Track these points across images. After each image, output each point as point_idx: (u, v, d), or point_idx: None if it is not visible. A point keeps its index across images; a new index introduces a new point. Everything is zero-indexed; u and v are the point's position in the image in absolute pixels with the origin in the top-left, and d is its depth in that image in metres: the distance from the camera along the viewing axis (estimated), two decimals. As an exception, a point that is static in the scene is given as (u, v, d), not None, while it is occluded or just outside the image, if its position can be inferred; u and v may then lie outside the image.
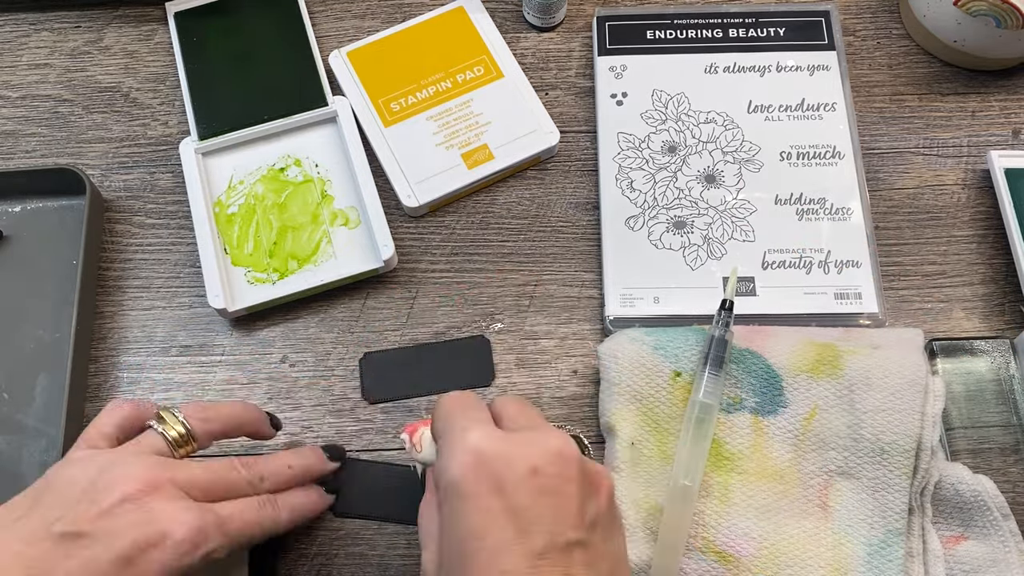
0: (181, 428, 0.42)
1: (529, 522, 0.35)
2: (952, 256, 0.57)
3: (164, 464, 0.40)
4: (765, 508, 0.47)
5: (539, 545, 0.34)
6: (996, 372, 0.51)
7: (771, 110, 0.61)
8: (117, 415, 0.43)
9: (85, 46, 0.65)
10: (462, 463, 0.36)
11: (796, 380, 0.49)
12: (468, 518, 0.35)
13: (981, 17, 0.58)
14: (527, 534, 0.34)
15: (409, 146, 0.60)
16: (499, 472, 0.35)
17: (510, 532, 0.34)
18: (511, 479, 0.35)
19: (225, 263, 0.57)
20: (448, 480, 0.36)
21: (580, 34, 0.65)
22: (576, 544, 0.35)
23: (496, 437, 0.37)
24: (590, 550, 0.36)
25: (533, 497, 0.35)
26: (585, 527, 0.36)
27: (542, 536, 0.34)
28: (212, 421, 0.44)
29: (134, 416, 0.43)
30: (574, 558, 0.35)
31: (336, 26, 0.66)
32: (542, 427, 0.38)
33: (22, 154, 0.62)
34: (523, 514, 0.35)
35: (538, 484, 0.35)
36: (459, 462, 0.36)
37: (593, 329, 0.56)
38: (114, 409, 0.43)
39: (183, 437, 0.42)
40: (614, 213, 0.58)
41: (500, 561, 0.34)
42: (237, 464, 0.43)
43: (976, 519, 0.46)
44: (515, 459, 0.36)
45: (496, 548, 0.34)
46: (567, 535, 0.35)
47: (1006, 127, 0.61)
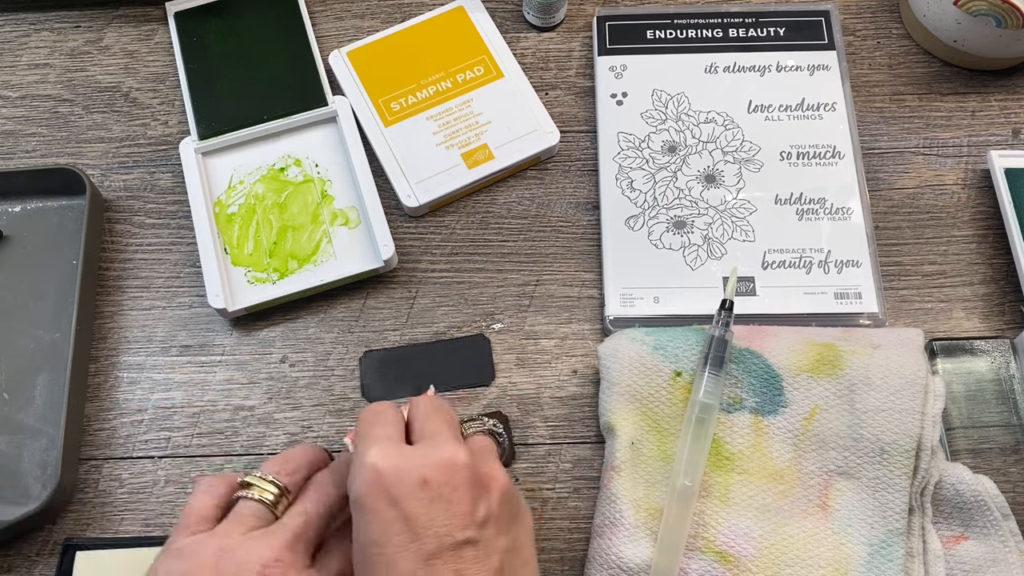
0: (275, 488, 0.42)
1: (421, 527, 0.38)
2: (952, 256, 0.57)
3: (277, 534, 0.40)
4: (765, 508, 0.47)
5: (431, 547, 0.38)
6: (996, 372, 0.51)
7: (771, 110, 0.61)
8: (215, 495, 0.42)
9: (85, 46, 0.65)
10: (362, 480, 0.39)
11: (796, 380, 0.49)
12: (369, 529, 0.38)
13: (981, 17, 0.58)
14: (420, 538, 0.38)
15: (409, 146, 0.60)
16: (392, 486, 0.39)
17: (405, 538, 0.38)
18: (403, 491, 0.38)
19: (225, 263, 0.57)
20: (353, 496, 0.39)
21: (580, 34, 0.65)
22: (466, 543, 0.38)
23: (390, 454, 0.40)
24: (480, 546, 0.39)
25: (424, 505, 0.38)
26: (475, 526, 0.39)
27: (433, 539, 0.38)
28: (297, 471, 0.43)
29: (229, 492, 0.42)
30: (465, 555, 0.38)
31: (336, 26, 0.66)
32: (439, 436, 0.41)
33: (22, 154, 0.62)
34: (416, 521, 0.38)
35: (428, 494, 0.39)
36: (360, 479, 0.39)
37: (593, 329, 0.56)
38: (211, 489, 0.42)
39: (278, 497, 0.42)
40: (614, 213, 0.58)
41: (396, 564, 0.38)
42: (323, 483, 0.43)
43: (976, 519, 0.46)
44: (406, 472, 0.39)
45: (393, 553, 0.38)
46: (456, 535, 0.38)
47: (1006, 127, 0.61)
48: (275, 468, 0.43)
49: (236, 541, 0.39)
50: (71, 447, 0.51)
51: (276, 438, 0.53)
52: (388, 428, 0.41)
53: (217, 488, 0.42)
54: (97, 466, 0.53)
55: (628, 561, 0.46)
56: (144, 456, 0.53)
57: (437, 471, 0.39)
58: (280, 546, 0.39)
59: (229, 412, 0.54)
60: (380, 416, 0.42)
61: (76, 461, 0.53)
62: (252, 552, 0.38)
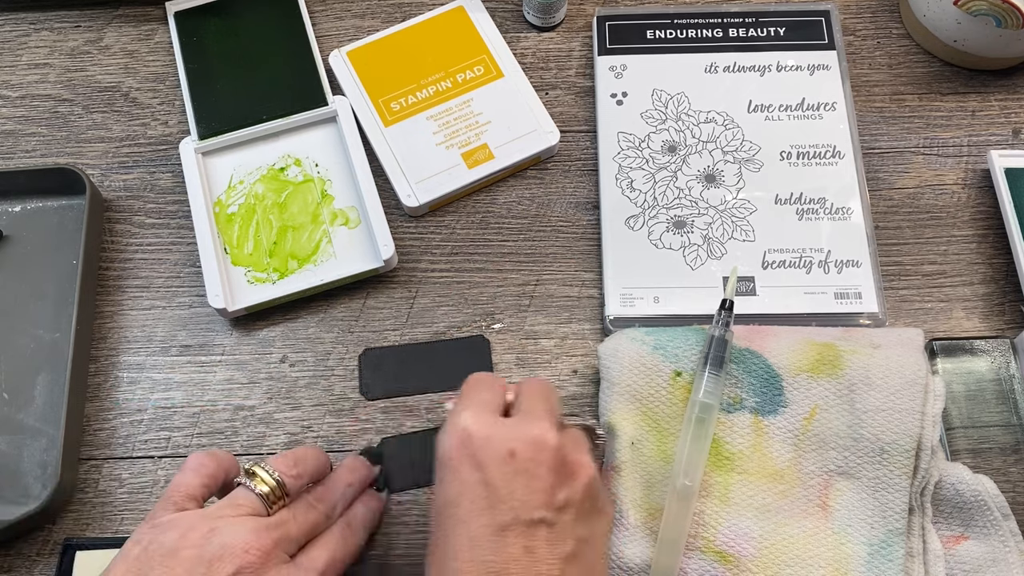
0: (274, 482, 0.42)
1: (500, 498, 0.38)
2: (952, 256, 0.57)
3: (267, 529, 0.40)
4: (765, 508, 0.47)
5: (506, 518, 0.38)
6: (996, 372, 0.51)
7: (771, 110, 0.61)
8: (204, 474, 0.42)
9: (85, 46, 0.65)
10: (452, 439, 0.40)
11: (796, 380, 0.49)
12: (450, 487, 0.39)
13: (981, 17, 0.58)
14: (496, 508, 0.38)
15: (409, 146, 0.60)
16: (480, 451, 0.39)
17: (482, 503, 0.38)
18: (489, 458, 0.39)
19: (225, 263, 0.57)
20: (440, 453, 0.40)
21: (580, 34, 0.65)
22: (541, 522, 0.38)
23: (484, 421, 0.40)
24: (555, 529, 0.38)
25: (507, 476, 0.38)
26: (553, 508, 0.39)
27: (509, 511, 0.38)
28: (302, 476, 0.43)
29: (219, 473, 0.43)
30: (538, 534, 0.38)
31: (336, 26, 0.66)
32: (535, 414, 0.41)
33: (22, 154, 0.62)
34: (495, 489, 0.38)
35: (512, 466, 0.39)
36: (450, 438, 0.40)
37: (593, 329, 0.56)
38: (200, 467, 0.42)
39: (276, 493, 0.42)
40: (614, 213, 0.58)
41: (468, 526, 0.38)
42: (312, 501, 0.44)
43: (976, 519, 0.46)
44: (496, 441, 0.39)
45: (467, 516, 0.38)
46: (533, 513, 0.38)
47: (1006, 127, 0.61)
48: (281, 466, 0.43)
49: (225, 523, 0.39)
50: (71, 447, 0.51)
51: (276, 438, 0.53)
52: (488, 395, 0.42)
53: (207, 467, 0.42)
54: (97, 466, 0.53)
55: (628, 561, 0.46)
56: (144, 456, 0.53)
57: (525, 446, 0.39)
58: (266, 536, 0.39)
59: (229, 412, 0.54)
60: (483, 383, 0.43)
61: (76, 461, 0.53)
62: (238, 536, 0.39)
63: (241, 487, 0.42)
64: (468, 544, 0.38)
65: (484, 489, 0.38)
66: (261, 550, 0.39)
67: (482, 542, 0.37)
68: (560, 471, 0.39)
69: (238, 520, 0.40)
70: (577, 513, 0.40)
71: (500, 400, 0.43)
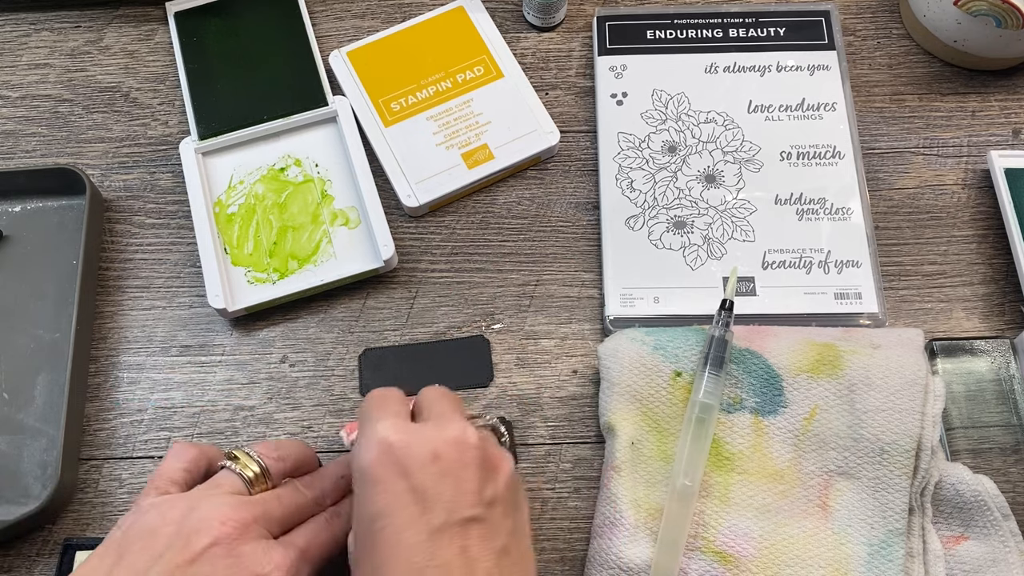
0: (257, 467, 0.43)
1: (430, 501, 0.38)
2: (952, 256, 0.57)
3: (246, 504, 0.40)
4: (765, 508, 0.47)
5: (438, 521, 0.38)
6: (996, 372, 0.51)
7: (771, 110, 0.61)
8: (185, 459, 0.43)
9: (85, 46, 0.65)
10: (371, 452, 0.39)
11: (796, 380, 0.49)
12: (376, 501, 0.39)
13: (981, 17, 0.58)
14: (428, 511, 0.38)
15: (409, 146, 0.60)
16: (403, 458, 0.39)
17: (413, 510, 0.38)
18: (414, 464, 0.39)
19: (225, 263, 0.57)
20: (359, 467, 0.40)
21: (580, 34, 0.65)
22: (473, 520, 0.38)
23: (402, 428, 0.40)
24: (487, 525, 0.39)
25: (434, 479, 0.38)
26: (483, 505, 0.39)
27: (441, 513, 0.38)
28: (284, 460, 0.44)
29: (201, 459, 0.44)
30: (471, 532, 0.38)
31: (336, 26, 0.66)
32: (448, 417, 0.41)
33: (22, 154, 0.62)
34: (425, 494, 0.38)
35: (438, 468, 0.39)
36: (369, 451, 0.39)
37: (593, 329, 0.56)
38: (181, 453, 0.43)
39: (258, 476, 0.43)
40: (614, 213, 0.58)
41: (403, 536, 0.38)
42: (301, 487, 0.44)
43: (976, 519, 0.46)
44: (418, 446, 0.39)
45: (400, 525, 0.38)
46: (464, 512, 0.38)
47: (1006, 127, 0.61)
48: (264, 450, 0.44)
49: (205, 501, 0.40)
50: (71, 447, 0.51)
51: (276, 438, 0.53)
52: (396, 406, 0.42)
53: (188, 453, 0.43)
54: (97, 466, 0.53)
55: (628, 561, 0.46)
56: (144, 456, 0.53)
57: (448, 447, 0.39)
58: (244, 510, 0.40)
59: (229, 412, 0.54)
60: (387, 397, 0.43)
61: (76, 461, 0.53)
62: (215, 510, 0.39)
63: (224, 469, 0.43)
64: (404, 553, 0.37)
65: (413, 495, 0.38)
66: (238, 523, 0.39)
67: (417, 550, 0.37)
68: (484, 467, 0.40)
69: (218, 497, 0.41)
70: (504, 507, 0.40)
71: (407, 410, 0.43)
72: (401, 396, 0.43)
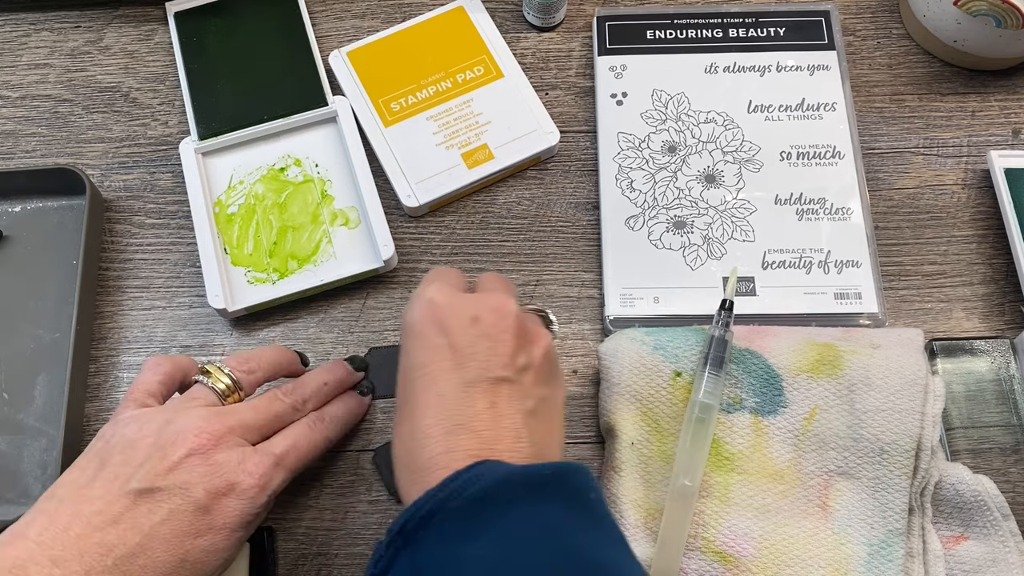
0: (228, 380, 0.45)
1: (465, 357, 0.41)
2: (952, 256, 0.57)
3: (220, 414, 0.43)
4: (765, 508, 0.47)
5: (471, 375, 0.40)
6: (996, 372, 0.51)
7: (771, 110, 0.61)
8: (160, 372, 0.45)
9: (85, 46, 0.65)
10: (418, 310, 0.43)
11: (796, 380, 0.49)
12: (417, 353, 0.42)
13: (981, 17, 0.58)
14: (462, 366, 0.41)
15: (409, 146, 0.60)
16: (445, 317, 0.42)
17: (448, 363, 0.41)
18: (454, 323, 0.42)
19: (225, 263, 0.57)
20: (406, 323, 0.43)
21: (580, 34, 0.65)
22: (503, 380, 0.41)
23: (448, 292, 0.43)
24: (516, 387, 0.41)
25: (471, 339, 0.41)
26: (515, 369, 0.41)
27: (475, 369, 0.41)
28: (255, 371, 0.47)
29: (176, 372, 0.46)
30: (501, 390, 0.41)
31: (336, 26, 0.66)
32: (496, 290, 0.45)
33: (22, 154, 0.62)
34: (461, 351, 0.41)
35: (477, 330, 0.42)
36: (416, 309, 0.43)
37: (593, 329, 0.56)
38: (156, 367, 0.46)
39: (230, 388, 0.45)
40: (614, 213, 0.58)
41: (436, 385, 0.40)
42: (279, 395, 0.46)
43: (976, 519, 0.46)
44: (460, 309, 0.42)
45: (434, 375, 0.41)
46: (496, 372, 0.41)
47: (1006, 127, 0.61)
48: (235, 364, 0.46)
49: (180, 413, 0.42)
50: (71, 447, 0.51)
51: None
52: (451, 277, 0.45)
53: (163, 366, 0.46)
54: (97, 466, 0.53)
55: (628, 561, 0.46)
56: (144, 456, 0.53)
57: (488, 313, 0.42)
58: (217, 421, 0.42)
59: (229, 412, 0.54)
60: (446, 271, 0.46)
61: (76, 461, 0.53)
62: (190, 421, 0.42)
63: (197, 384, 0.45)
64: (436, 400, 0.40)
65: (450, 351, 0.41)
66: (212, 433, 0.41)
67: (449, 398, 0.40)
68: (521, 337, 0.42)
69: (192, 410, 0.43)
70: (536, 376, 0.42)
71: (462, 283, 0.46)
72: (459, 272, 0.47)
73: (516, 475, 0.36)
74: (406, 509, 0.36)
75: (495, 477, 0.36)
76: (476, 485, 0.36)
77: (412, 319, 0.43)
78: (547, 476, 0.37)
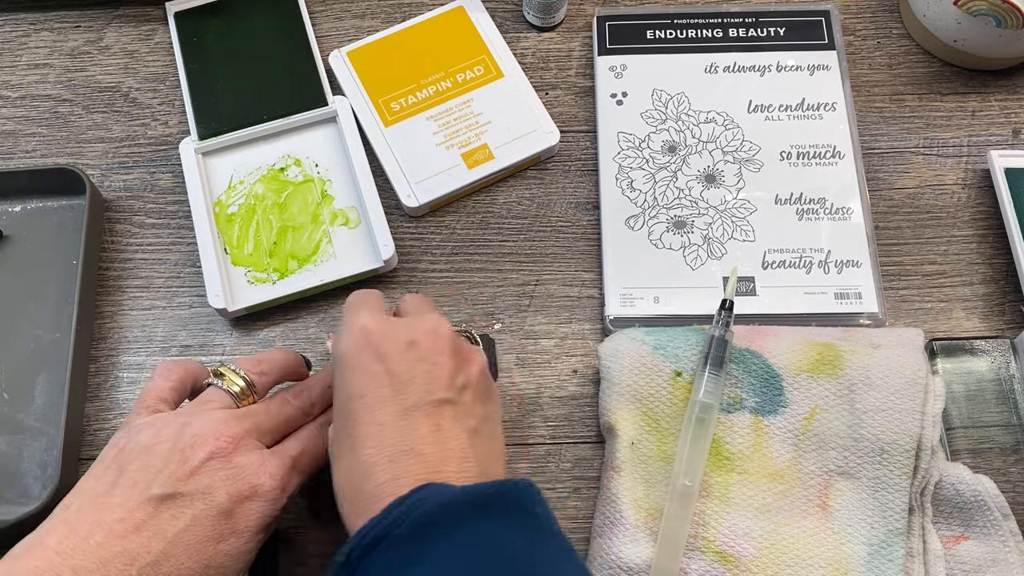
0: (242, 382, 0.45)
1: (404, 383, 0.40)
2: (952, 256, 0.57)
3: (237, 417, 0.43)
4: (765, 508, 0.47)
5: (411, 401, 0.40)
6: (996, 372, 0.51)
7: (771, 110, 0.61)
8: (172, 378, 0.45)
9: (85, 46, 0.65)
10: (351, 339, 0.41)
11: (796, 380, 0.49)
12: (353, 383, 0.40)
13: (981, 17, 0.58)
14: (401, 392, 0.40)
15: (409, 146, 0.60)
16: (380, 344, 0.41)
17: (387, 390, 0.40)
18: (391, 350, 0.41)
19: (225, 263, 0.57)
20: (339, 353, 0.42)
21: (580, 34, 0.65)
22: (446, 402, 0.40)
23: (381, 319, 0.42)
24: (459, 407, 0.41)
25: (409, 364, 0.41)
26: (455, 390, 0.41)
27: (415, 394, 0.40)
28: (268, 373, 0.46)
29: (187, 377, 0.46)
30: (444, 412, 0.40)
31: (336, 26, 0.66)
32: (425, 312, 0.44)
33: (22, 154, 0.62)
34: (400, 377, 0.40)
35: (414, 354, 0.41)
36: (349, 338, 0.42)
37: (593, 329, 0.56)
38: (167, 372, 0.45)
39: (245, 391, 0.45)
40: (614, 213, 0.58)
41: (376, 414, 0.39)
42: (288, 398, 0.46)
43: (976, 519, 0.46)
44: (395, 334, 0.41)
45: (374, 403, 0.40)
46: (438, 394, 0.40)
47: (1006, 127, 0.61)
48: (247, 366, 0.46)
49: (197, 417, 0.42)
50: (71, 447, 0.51)
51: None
52: (376, 302, 0.45)
53: (174, 372, 0.45)
54: (97, 466, 0.53)
55: (628, 561, 0.46)
56: (144, 456, 0.53)
57: (424, 335, 0.42)
58: (235, 424, 0.42)
59: (229, 412, 0.54)
60: (369, 294, 0.45)
61: (76, 461, 0.52)
62: (209, 425, 0.41)
63: (211, 387, 0.45)
64: (376, 430, 0.39)
65: (388, 378, 0.40)
66: (232, 437, 0.41)
67: (391, 426, 0.39)
68: (457, 357, 0.42)
69: (209, 412, 0.42)
70: (474, 395, 0.42)
71: (386, 307, 0.45)
72: (380, 296, 0.46)
73: (460, 496, 0.36)
74: (351, 538, 0.36)
75: (440, 500, 0.36)
76: (420, 509, 0.35)
77: (346, 349, 0.41)
78: (491, 495, 0.37)
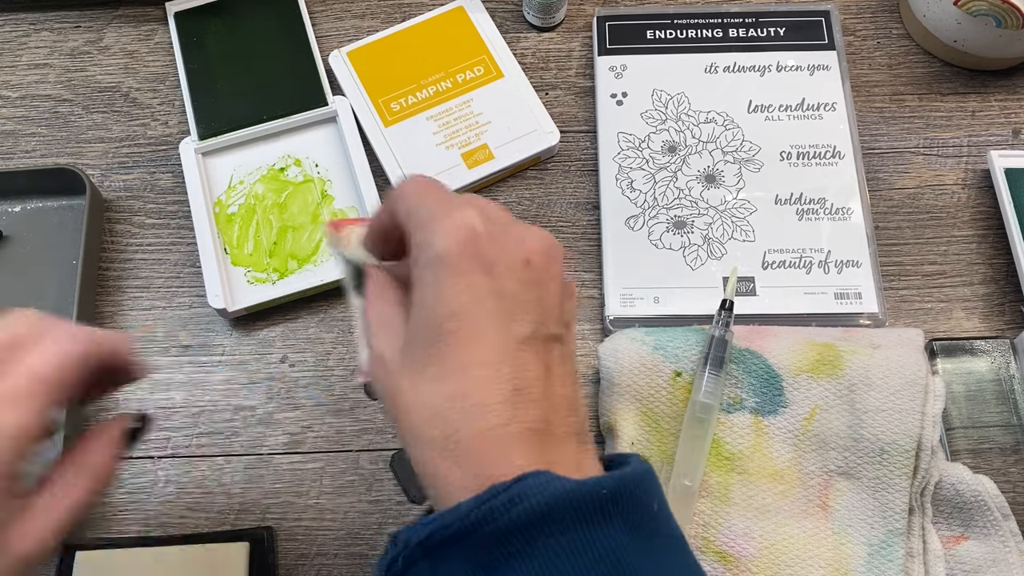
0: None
1: (518, 307, 0.33)
2: (952, 256, 0.57)
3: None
4: (765, 508, 0.47)
5: (525, 331, 0.33)
6: (996, 372, 0.51)
7: (771, 110, 0.61)
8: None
9: (85, 46, 0.65)
10: (454, 237, 0.33)
11: (796, 380, 0.49)
12: (452, 294, 0.33)
13: (981, 17, 0.58)
14: (515, 319, 0.33)
15: (409, 146, 0.60)
16: (492, 254, 0.33)
17: (496, 313, 0.33)
18: (504, 264, 0.33)
19: (225, 263, 0.57)
20: (435, 253, 0.33)
21: (580, 34, 0.65)
22: (555, 338, 0.34)
23: (490, 221, 0.34)
24: (565, 347, 0.35)
25: (522, 286, 0.33)
26: (563, 324, 0.35)
27: (528, 324, 0.33)
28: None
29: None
30: (553, 351, 0.34)
31: (336, 26, 0.66)
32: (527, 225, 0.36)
33: (22, 154, 0.62)
34: (513, 299, 0.33)
35: (528, 275, 0.34)
36: (451, 235, 0.33)
37: (593, 329, 0.56)
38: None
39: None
40: (614, 213, 0.58)
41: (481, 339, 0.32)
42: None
43: (976, 519, 0.46)
44: (510, 246, 0.34)
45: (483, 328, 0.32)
46: (550, 328, 0.34)
47: (1006, 127, 0.61)
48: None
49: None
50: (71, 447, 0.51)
51: (276, 438, 0.53)
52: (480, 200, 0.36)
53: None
54: (97, 466, 0.53)
55: (628, 561, 0.46)
56: (144, 456, 0.53)
57: (539, 255, 0.34)
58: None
59: (229, 412, 0.54)
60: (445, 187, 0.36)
61: (76, 461, 0.52)
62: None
63: None
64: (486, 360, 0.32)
65: (499, 299, 0.33)
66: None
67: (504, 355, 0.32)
68: (564, 286, 0.36)
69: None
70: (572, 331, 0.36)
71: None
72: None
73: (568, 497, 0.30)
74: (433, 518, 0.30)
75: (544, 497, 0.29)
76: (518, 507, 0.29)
77: (446, 248, 0.33)
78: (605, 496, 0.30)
